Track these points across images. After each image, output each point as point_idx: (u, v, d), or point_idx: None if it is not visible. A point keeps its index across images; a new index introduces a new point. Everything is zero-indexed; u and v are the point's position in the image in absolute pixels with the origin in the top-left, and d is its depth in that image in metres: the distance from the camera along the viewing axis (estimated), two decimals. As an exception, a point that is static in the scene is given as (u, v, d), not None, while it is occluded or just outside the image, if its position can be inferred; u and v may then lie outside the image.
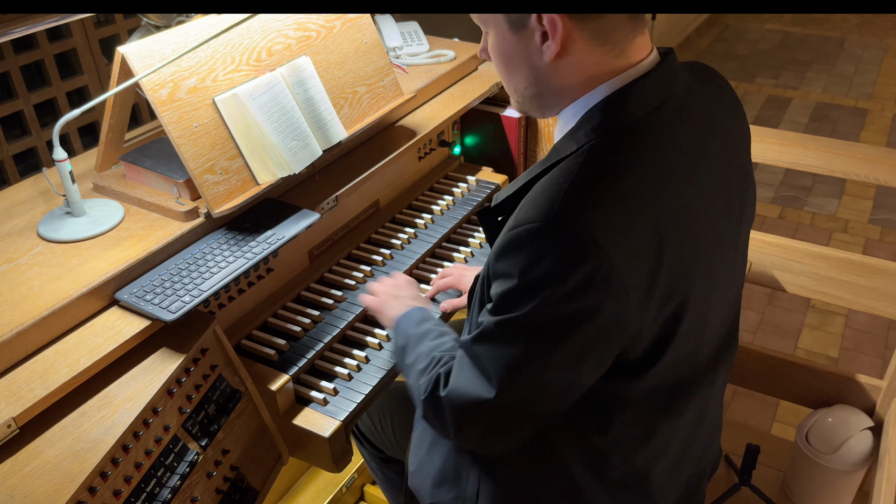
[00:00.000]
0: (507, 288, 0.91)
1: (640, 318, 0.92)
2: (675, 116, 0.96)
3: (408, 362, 1.15)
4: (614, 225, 0.87)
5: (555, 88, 0.98)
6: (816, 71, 5.10)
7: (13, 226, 1.32)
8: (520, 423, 1.01)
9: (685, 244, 0.94)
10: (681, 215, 0.94)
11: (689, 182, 0.96)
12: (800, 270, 1.79)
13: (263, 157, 1.36)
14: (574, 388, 0.97)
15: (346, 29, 1.56)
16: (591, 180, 0.89)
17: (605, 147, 0.92)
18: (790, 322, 2.93)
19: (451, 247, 1.71)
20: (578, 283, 0.86)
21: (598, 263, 0.85)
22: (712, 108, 1.04)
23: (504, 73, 1.02)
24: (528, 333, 0.92)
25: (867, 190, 3.71)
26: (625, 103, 0.94)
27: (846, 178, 1.68)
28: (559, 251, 0.86)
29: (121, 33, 2.20)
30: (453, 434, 1.04)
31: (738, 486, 1.78)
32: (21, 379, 1.06)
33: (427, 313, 1.25)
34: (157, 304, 1.17)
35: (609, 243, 0.86)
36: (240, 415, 1.24)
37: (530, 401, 0.97)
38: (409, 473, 1.27)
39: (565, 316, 0.89)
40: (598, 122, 0.94)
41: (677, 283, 0.94)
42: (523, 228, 0.89)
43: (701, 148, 0.99)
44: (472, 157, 2.04)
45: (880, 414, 1.77)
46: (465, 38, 2.10)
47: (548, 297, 0.88)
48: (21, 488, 0.94)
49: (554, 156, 0.96)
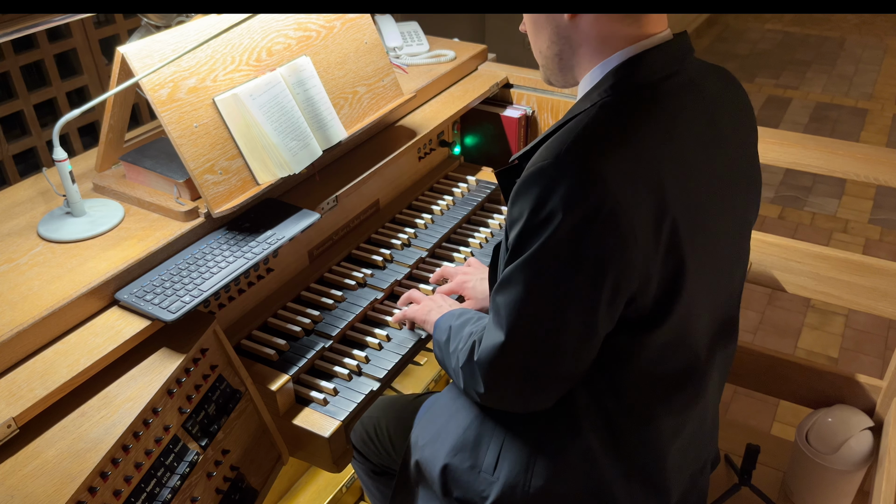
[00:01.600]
0: (519, 229, 0.96)
1: (646, 263, 0.95)
2: (685, 88, 1.03)
3: (451, 350, 1.18)
4: (620, 168, 0.91)
5: (574, 45, 1.04)
6: (816, 71, 5.10)
7: (13, 226, 1.32)
8: (543, 373, 1.02)
9: (687, 206, 0.98)
10: (684, 178, 0.98)
11: (694, 149, 1.01)
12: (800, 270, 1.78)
13: (263, 157, 1.36)
14: (592, 330, 0.99)
15: (346, 29, 1.56)
16: (602, 128, 0.95)
17: (616, 103, 0.99)
18: (790, 322, 2.93)
19: (451, 247, 1.71)
20: (584, 217, 0.90)
21: (603, 199, 0.90)
22: (721, 94, 1.09)
23: (532, 35, 1.09)
24: (536, 271, 0.95)
25: (867, 190, 3.71)
26: (639, 67, 1.00)
27: (846, 178, 1.68)
28: (565, 186, 0.90)
29: (121, 33, 2.20)
30: (486, 392, 1.07)
31: (738, 486, 1.78)
32: (21, 379, 1.06)
33: (465, 310, 1.28)
34: (157, 304, 1.17)
35: (615, 183, 0.90)
36: (240, 415, 1.24)
37: (546, 341, 0.99)
38: (417, 448, 1.26)
39: (571, 251, 0.92)
40: (612, 82, 1.00)
41: (678, 241, 0.98)
42: (534, 167, 0.94)
43: (708, 124, 1.04)
44: (472, 157, 2.04)
45: (880, 414, 1.77)
46: (465, 38, 2.10)
47: (554, 232, 0.92)
48: (21, 488, 0.94)
49: (569, 114, 1.02)
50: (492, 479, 1.15)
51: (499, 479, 1.14)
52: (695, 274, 1.02)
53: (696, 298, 1.04)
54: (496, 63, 2.05)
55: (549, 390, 1.06)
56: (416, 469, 1.27)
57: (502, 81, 1.95)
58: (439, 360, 1.24)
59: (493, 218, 1.82)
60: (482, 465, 1.16)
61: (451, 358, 1.17)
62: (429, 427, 1.26)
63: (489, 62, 2.05)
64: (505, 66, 2.02)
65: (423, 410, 1.35)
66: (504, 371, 1.04)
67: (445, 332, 1.21)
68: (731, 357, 1.23)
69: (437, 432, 1.23)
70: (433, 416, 1.27)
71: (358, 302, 1.50)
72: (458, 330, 1.19)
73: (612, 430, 1.09)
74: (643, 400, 1.08)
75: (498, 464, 1.15)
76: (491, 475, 1.15)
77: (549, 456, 1.12)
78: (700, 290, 1.05)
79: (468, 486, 1.17)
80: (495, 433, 1.17)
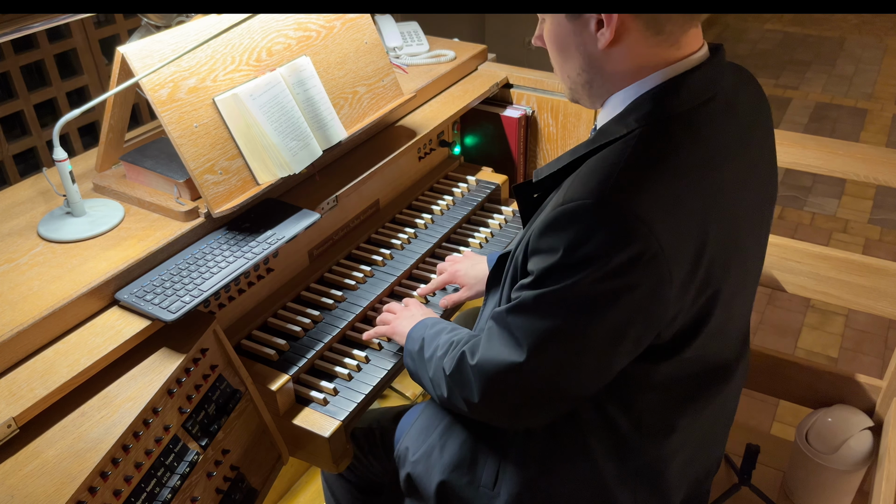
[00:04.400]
0: (551, 263, 0.92)
1: (678, 302, 0.94)
2: (722, 112, 0.99)
3: (426, 357, 1.16)
4: (663, 209, 0.88)
5: (606, 75, 0.99)
6: (816, 71, 5.10)
7: (13, 226, 1.32)
8: (548, 397, 1.01)
9: (726, 236, 0.96)
10: (724, 207, 0.96)
11: (732, 177, 0.98)
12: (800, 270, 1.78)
13: (263, 157, 1.36)
14: (607, 368, 0.98)
15: (346, 29, 1.56)
16: (643, 164, 0.91)
17: (656, 134, 0.94)
18: (790, 322, 2.93)
19: (451, 247, 1.71)
20: (624, 261, 0.88)
21: (646, 244, 0.87)
22: (754, 109, 1.06)
23: (558, 60, 1.03)
24: (566, 307, 0.93)
25: (867, 190, 3.71)
26: (677, 93, 0.95)
27: (846, 178, 1.68)
28: (608, 229, 0.88)
29: (121, 33, 2.20)
30: (477, 403, 1.04)
31: (738, 486, 1.78)
32: (21, 379, 1.06)
33: (438, 319, 1.26)
34: (157, 304, 1.17)
35: (657, 226, 0.87)
36: (240, 415, 1.24)
37: (560, 373, 0.97)
38: (408, 462, 1.25)
39: (606, 292, 0.90)
40: (650, 109, 0.95)
41: (715, 273, 0.96)
42: (574, 205, 0.90)
43: (742, 146, 1.01)
44: (472, 157, 2.04)
45: (880, 414, 1.77)
46: (465, 38, 2.10)
47: (592, 274, 0.89)
48: (21, 488, 0.94)
49: (601, 138, 0.97)
50: (492, 495, 1.15)
51: (500, 494, 1.14)
52: (725, 300, 1.00)
53: (723, 320, 1.03)
54: (496, 63, 2.05)
55: (547, 413, 1.05)
56: (408, 483, 1.26)
57: (502, 81, 1.95)
58: (411, 370, 1.22)
59: (493, 218, 1.82)
60: (481, 480, 1.16)
61: (428, 366, 1.15)
62: (420, 439, 1.26)
63: (489, 62, 2.05)
64: (505, 66, 2.02)
65: (408, 420, 1.34)
66: (508, 388, 1.02)
67: (418, 342, 1.20)
68: (748, 363, 1.22)
69: (431, 447, 1.23)
70: (423, 428, 1.26)
71: (358, 302, 1.50)
72: (432, 339, 1.17)
73: (620, 447, 1.08)
74: (655, 418, 1.07)
75: (498, 479, 1.14)
76: (491, 490, 1.15)
77: (555, 472, 1.11)
78: (728, 311, 1.04)
79: (468, 502, 1.17)
80: (493, 449, 1.16)
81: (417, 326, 1.25)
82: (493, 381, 1.02)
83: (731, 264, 0.99)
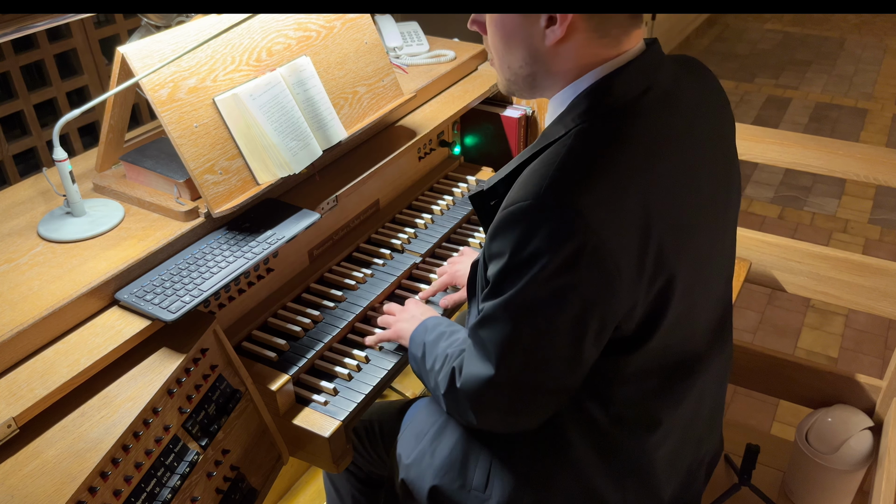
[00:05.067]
0: (500, 267, 0.94)
1: (632, 293, 0.95)
2: (660, 102, 0.99)
3: (427, 368, 1.18)
4: (602, 202, 0.90)
5: (550, 72, 1.00)
6: (816, 71, 5.10)
7: (13, 226, 1.32)
8: (534, 397, 1.03)
9: (672, 224, 0.97)
10: (667, 197, 0.96)
11: (675, 166, 0.98)
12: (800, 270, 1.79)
13: (263, 157, 1.36)
14: (577, 362, 0.99)
15: (346, 29, 1.57)
16: (579, 160, 0.93)
17: (592, 130, 0.95)
18: (790, 322, 2.93)
19: (451, 247, 1.71)
20: (567, 257, 0.89)
21: (586, 238, 0.88)
22: (698, 97, 1.07)
23: (500, 49, 1.03)
24: (521, 309, 0.95)
25: (867, 190, 3.71)
26: (611, 89, 0.97)
27: (846, 178, 1.68)
28: (549, 227, 0.89)
29: (121, 33, 2.20)
30: (476, 420, 1.07)
31: (737, 486, 1.78)
32: (21, 379, 1.06)
33: (438, 319, 1.27)
34: (157, 304, 1.17)
35: (597, 220, 0.88)
36: (240, 415, 1.24)
37: (534, 375, 0.99)
38: (402, 466, 1.27)
39: (556, 291, 0.91)
40: (586, 107, 0.97)
41: (665, 260, 0.96)
42: (514, 207, 0.92)
43: (687, 134, 1.02)
44: (472, 157, 2.04)
45: (880, 414, 1.77)
46: (465, 38, 2.10)
47: (538, 273, 0.91)
48: (21, 488, 0.94)
49: (542, 140, 0.99)
50: (484, 497, 1.15)
51: (491, 496, 1.15)
52: (683, 288, 1.01)
53: (685, 309, 1.04)
54: (496, 63, 2.05)
55: (537, 414, 1.06)
56: (403, 488, 1.27)
57: (502, 81, 1.95)
58: (416, 373, 1.24)
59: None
60: (472, 484, 1.16)
61: (430, 377, 1.17)
62: (412, 443, 1.26)
63: (489, 62, 2.05)
64: (505, 66, 2.01)
65: (408, 419, 1.35)
66: (492, 401, 1.05)
67: (420, 348, 1.21)
68: (729, 355, 1.23)
69: (422, 452, 1.23)
70: (416, 432, 1.27)
71: (358, 302, 1.50)
72: (432, 346, 1.19)
73: (602, 442, 1.10)
74: (633, 411, 1.08)
75: (489, 482, 1.15)
76: (483, 492, 1.16)
77: (541, 472, 1.12)
78: (689, 299, 1.04)
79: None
80: (483, 451, 1.17)
81: (418, 329, 1.25)
82: (478, 398, 1.04)
83: (681, 251, 0.99)
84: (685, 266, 1.00)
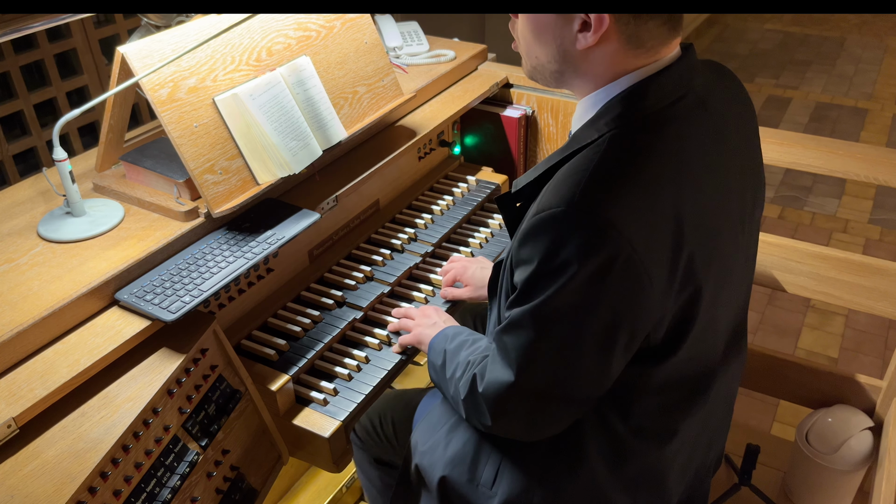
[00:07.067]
0: (529, 273, 0.93)
1: (662, 304, 0.94)
2: (693, 109, 0.98)
3: (447, 376, 1.17)
4: (635, 212, 0.88)
5: (579, 72, 0.99)
6: (816, 71, 5.10)
7: (13, 226, 1.32)
8: (555, 406, 1.02)
9: (703, 234, 0.96)
10: (699, 206, 0.95)
11: (707, 174, 0.98)
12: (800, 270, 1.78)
13: (263, 157, 1.36)
14: (604, 373, 0.98)
15: (346, 29, 1.56)
16: (613, 168, 0.91)
17: (625, 136, 0.94)
18: (790, 322, 2.92)
19: (451, 247, 1.71)
20: (599, 268, 0.88)
21: (618, 248, 0.87)
22: (729, 104, 1.06)
23: (529, 39, 1.01)
24: (548, 318, 0.93)
25: (867, 190, 3.71)
26: (646, 95, 0.95)
27: (846, 178, 1.68)
28: (581, 236, 0.88)
29: (121, 33, 2.20)
30: (494, 426, 1.06)
31: (738, 486, 1.78)
32: (21, 379, 1.06)
33: (459, 328, 1.27)
34: (157, 304, 1.17)
35: (630, 230, 0.87)
36: (240, 415, 1.24)
37: (558, 384, 0.98)
38: (417, 452, 1.27)
39: (586, 300, 0.90)
40: (619, 112, 0.95)
41: (694, 271, 0.95)
42: (546, 214, 0.90)
43: (718, 141, 1.01)
44: (472, 157, 2.04)
45: (880, 414, 1.77)
46: (465, 38, 2.10)
47: (568, 282, 0.89)
48: (21, 488, 0.94)
49: (574, 144, 0.97)
50: (489, 494, 1.15)
51: (497, 494, 1.15)
52: (710, 297, 1.00)
53: (710, 318, 1.03)
54: (496, 63, 2.05)
55: (558, 423, 1.05)
56: (416, 473, 1.27)
57: (502, 81, 1.95)
58: (434, 381, 1.23)
59: (493, 218, 1.82)
60: (480, 479, 1.16)
61: (450, 385, 1.16)
62: (428, 433, 1.26)
63: (489, 62, 2.05)
64: (505, 65, 2.02)
65: (423, 409, 1.35)
66: (512, 408, 1.03)
67: (441, 356, 1.20)
68: (744, 361, 1.23)
69: (437, 442, 1.23)
70: (433, 423, 1.27)
71: (358, 302, 1.50)
72: (453, 354, 1.18)
73: (618, 451, 1.09)
74: (653, 423, 1.07)
75: (497, 479, 1.15)
76: (489, 489, 1.15)
77: (552, 477, 1.12)
78: (714, 309, 1.04)
79: (466, 499, 1.17)
80: (494, 450, 1.16)
81: (438, 338, 1.25)
82: (498, 403, 1.03)
83: (711, 259, 0.98)
84: (713, 275, 1.00)
